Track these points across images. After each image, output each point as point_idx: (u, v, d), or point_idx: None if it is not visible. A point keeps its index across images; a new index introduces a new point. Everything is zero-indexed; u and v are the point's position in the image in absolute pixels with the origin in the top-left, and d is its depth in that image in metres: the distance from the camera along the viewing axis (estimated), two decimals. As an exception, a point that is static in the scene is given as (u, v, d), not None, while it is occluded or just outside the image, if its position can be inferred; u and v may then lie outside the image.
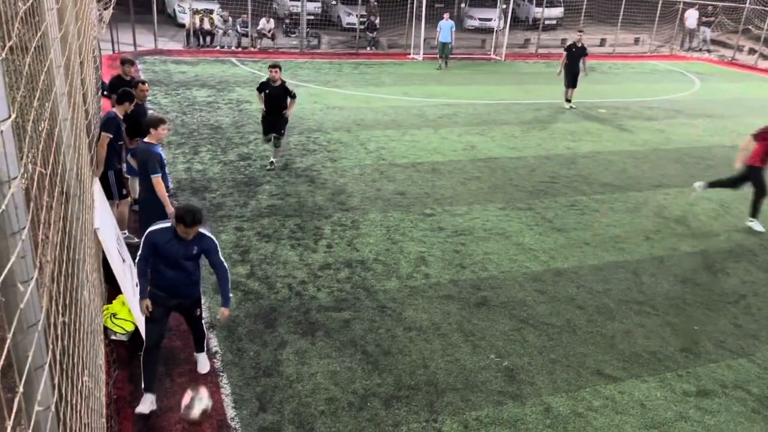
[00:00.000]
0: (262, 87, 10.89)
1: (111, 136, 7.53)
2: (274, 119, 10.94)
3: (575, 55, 17.04)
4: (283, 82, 10.83)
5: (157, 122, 7.01)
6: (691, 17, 28.88)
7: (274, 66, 10.74)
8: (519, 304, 7.44)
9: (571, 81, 17.23)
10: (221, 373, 5.96)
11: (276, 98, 10.79)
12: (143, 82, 8.95)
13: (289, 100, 10.85)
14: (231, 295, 5.85)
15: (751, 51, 27.87)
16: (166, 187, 7.29)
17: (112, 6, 16.05)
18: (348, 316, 6.98)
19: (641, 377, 6.29)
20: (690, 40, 29.64)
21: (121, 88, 8.32)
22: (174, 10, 26.20)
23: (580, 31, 17.46)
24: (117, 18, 19.79)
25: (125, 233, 7.87)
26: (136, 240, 7.42)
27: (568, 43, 17.75)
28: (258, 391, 5.74)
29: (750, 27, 27.76)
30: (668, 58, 27.74)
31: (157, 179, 6.91)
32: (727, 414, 5.86)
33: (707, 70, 25.14)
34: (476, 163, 12.26)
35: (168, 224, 5.44)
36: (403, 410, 5.63)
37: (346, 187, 10.65)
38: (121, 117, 7.90)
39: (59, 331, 2.86)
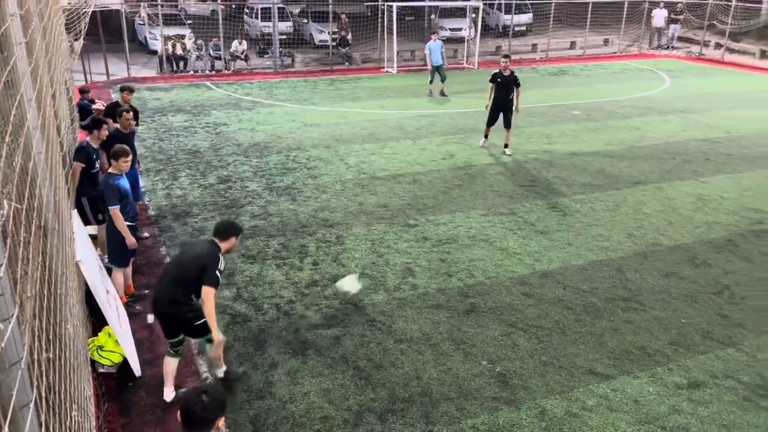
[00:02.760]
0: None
1: (83, 165, 7.56)
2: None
3: (503, 86, 13.14)
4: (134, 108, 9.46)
5: (118, 154, 6.96)
6: (659, 16, 29.41)
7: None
8: (507, 309, 7.46)
9: (497, 119, 13.41)
10: (213, 399, 5.88)
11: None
12: (127, 111, 8.91)
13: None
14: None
15: (717, 45, 28.41)
16: (132, 216, 7.27)
17: (82, 37, 15.98)
18: (338, 333, 6.95)
19: (633, 373, 6.32)
20: (658, 38, 30.16)
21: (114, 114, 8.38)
22: (145, 37, 26.13)
23: (506, 57, 13.23)
24: (88, 48, 19.72)
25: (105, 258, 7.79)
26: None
27: (493, 71, 13.46)
28: (251, 415, 5.68)
29: (715, 22, 28.31)
30: (637, 57, 28.19)
31: (114, 211, 6.83)
32: (719, 404, 5.90)
33: (676, 67, 25.58)
34: (456, 172, 12.33)
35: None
36: (399, 423, 5.60)
37: (328, 203, 10.65)
38: (96, 146, 7.87)
39: (44, 368, 2.82)
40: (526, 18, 31.11)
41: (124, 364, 6.21)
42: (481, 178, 11.96)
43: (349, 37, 26.66)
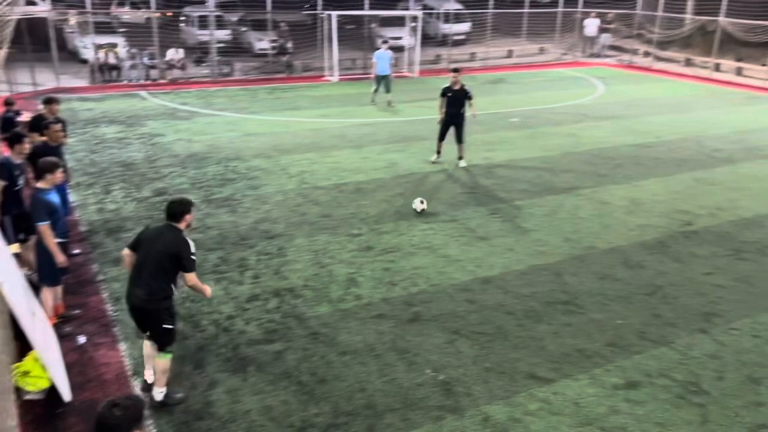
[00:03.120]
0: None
1: (5, 183, 7.15)
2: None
3: (453, 100, 12.91)
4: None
5: (49, 167, 6.66)
6: (590, 25, 30.45)
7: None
8: (450, 316, 7.50)
9: (446, 133, 13.16)
10: (149, 422, 5.66)
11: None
12: (54, 122, 8.53)
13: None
14: None
15: (646, 54, 29.63)
16: (63, 232, 6.98)
17: (6, 46, 15.25)
18: (280, 347, 6.81)
19: (572, 376, 6.44)
20: (591, 47, 31.22)
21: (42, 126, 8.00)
22: (75, 46, 25.19)
23: (455, 71, 12.98)
24: (13, 57, 18.83)
25: (31, 273, 7.42)
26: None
27: (443, 86, 13.09)
28: (190, 437, 5.48)
29: (643, 32, 29.52)
30: (572, 64, 29.08)
31: (42, 227, 6.51)
32: (654, 403, 6.08)
33: (608, 74, 26.51)
34: (399, 180, 12.36)
35: None
36: (343, 438, 5.52)
37: (269, 214, 10.48)
38: (20, 161, 7.49)
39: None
40: (464, 27, 31.62)
41: (53, 389, 5.90)
42: (424, 186, 12.02)
43: (290, 45, 26.46)
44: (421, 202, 10.40)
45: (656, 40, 28.62)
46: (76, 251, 8.84)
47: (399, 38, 29.43)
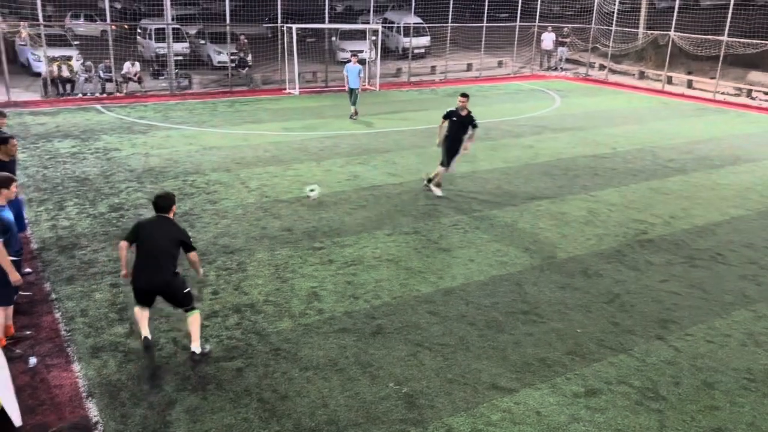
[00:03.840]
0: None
1: None
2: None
3: (457, 126, 12.01)
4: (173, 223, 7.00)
5: (6, 182, 6.48)
6: (547, 39, 31.14)
7: None
8: (413, 328, 7.49)
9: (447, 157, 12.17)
10: (104, 445, 5.48)
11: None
12: (12, 137, 8.34)
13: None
14: None
15: (602, 67, 30.42)
16: (17, 250, 6.79)
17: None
18: (240, 364, 6.69)
19: (534, 385, 6.49)
20: (548, 60, 31.89)
21: None
22: (27, 58, 24.55)
23: (464, 96, 12.08)
24: (-39, 70, 18.26)
25: None
26: None
27: (448, 109, 12.25)
28: (147, 459, 5.33)
29: (598, 45, 30.32)
30: (530, 78, 29.65)
31: None
32: (614, 410, 6.16)
33: (566, 87, 27.11)
34: (360, 193, 12.35)
35: None
36: (305, 455, 5.43)
37: (229, 228, 10.33)
38: None
39: None
40: (424, 41, 31.97)
41: (2, 414, 5.66)
42: (386, 199, 12.04)
43: (249, 58, 26.30)
44: (311, 190, 9.10)
45: (611, 53, 29.42)
46: (27, 270, 8.54)
47: (360, 51, 29.59)
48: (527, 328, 7.58)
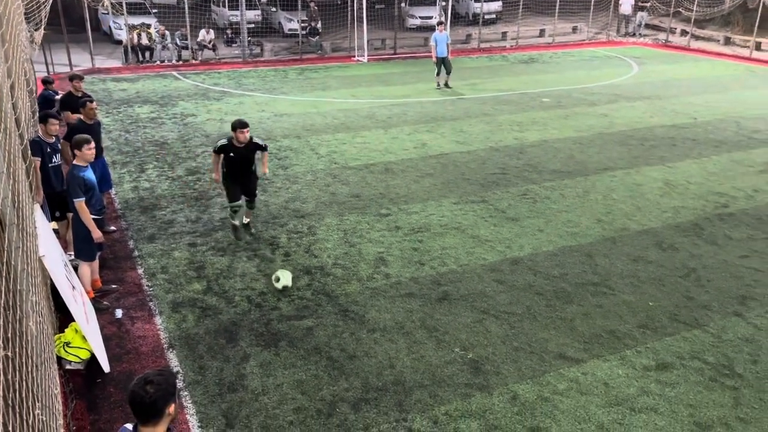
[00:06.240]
0: (222, 149, 8.40)
1: (38, 159, 7.29)
2: (245, 181, 8.72)
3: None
4: (251, 140, 8.45)
5: (80, 143, 6.78)
6: (626, 3, 29.73)
7: (243, 126, 8.28)
8: (479, 296, 7.51)
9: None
10: (184, 393, 5.82)
11: (244, 160, 8.53)
12: (91, 100, 8.66)
13: (259, 154, 8.76)
14: None
15: (683, 32, 28.84)
16: (99, 209, 7.11)
17: (43, 27, 15.53)
18: (311, 324, 6.91)
19: (602, 357, 6.42)
20: (626, 26, 30.50)
21: (73, 104, 8.12)
22: (110, 27, 25.53)
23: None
24: (50, 38, 19.20)
25: (70, 255, 7.59)
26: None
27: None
28: (224, 408, 5.63)
29: (681, 9, 28.73)
30: (606, 44, 28.48)
31: (79, 204, 6.66)
32: (686, 385, 6.02)
33: (644, 54, 25.91)
34: (428, 160, 12.33)
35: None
36: (372, 412, 5.61)
37: (299, 193, 10.57)
38: (53, 139, 7.64)
39: (2, 366, 2.74)
40: (495, 6, 31.19)
41: (93, 360, 6.10)
42: (453, 167, 11.98)
43: (319, 25, 26.42)
44: (276, 280, 7.56)
45: (694, 18, 27.83)
46: (112, 228, 9.05)
47: (430, 17, 29.20)
48: (597, 300, 7.46)
